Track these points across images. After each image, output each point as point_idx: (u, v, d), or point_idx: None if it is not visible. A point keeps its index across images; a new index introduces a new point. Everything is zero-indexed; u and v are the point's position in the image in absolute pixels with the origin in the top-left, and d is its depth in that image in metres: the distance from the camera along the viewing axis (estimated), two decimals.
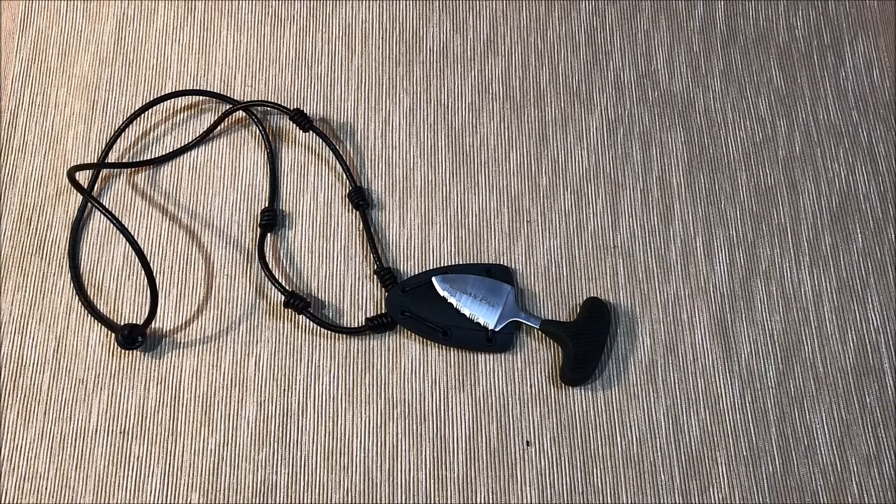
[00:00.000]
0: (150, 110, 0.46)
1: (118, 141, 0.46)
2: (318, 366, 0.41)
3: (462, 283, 0.41)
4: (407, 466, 0.39)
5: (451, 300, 0.41)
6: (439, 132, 0.46)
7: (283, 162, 0.46)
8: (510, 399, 0.40)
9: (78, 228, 0.44)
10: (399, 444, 0.40)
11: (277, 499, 0.39)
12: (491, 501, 0.39)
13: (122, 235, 0.39)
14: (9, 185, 0.45)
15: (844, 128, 0.47)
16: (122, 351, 0.41)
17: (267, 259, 0.43)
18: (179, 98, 0.47)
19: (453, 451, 0.39)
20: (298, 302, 0.41)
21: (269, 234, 0.44)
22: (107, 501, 0.39)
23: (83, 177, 0.45)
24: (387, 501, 0.39)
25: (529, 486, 0.39)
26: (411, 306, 0.41)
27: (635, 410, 0.40)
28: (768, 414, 0.40)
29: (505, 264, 0.43)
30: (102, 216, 0.43)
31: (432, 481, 0.39)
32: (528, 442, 0.40)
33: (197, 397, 0.40)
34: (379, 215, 0.44)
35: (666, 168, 0.45)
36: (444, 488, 0.39)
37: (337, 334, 0.42)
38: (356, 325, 0.42)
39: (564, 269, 0.43)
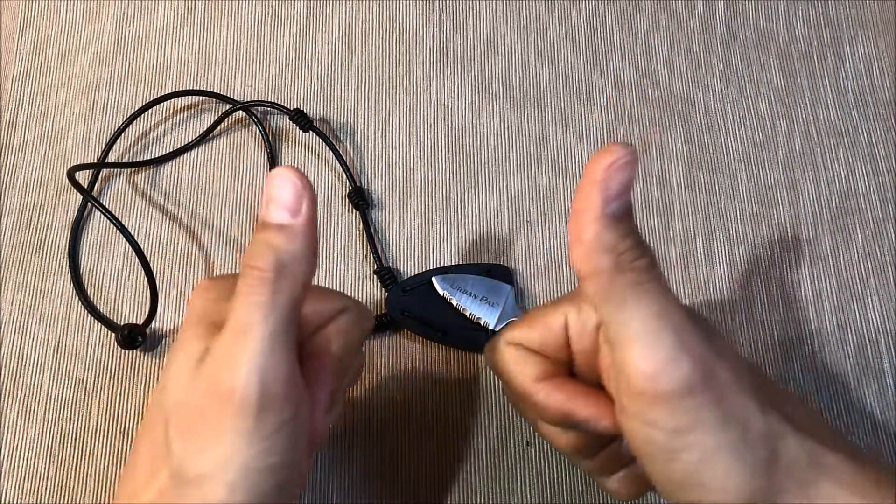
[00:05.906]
0: (150, 110, 0.46)
1: (118, 141, 0.46)
2: None
3: (462, 283, 0.41)
4: (407, 466, 0.39)
5: (451, 300, 0.41)
6: (439, 132, 0.46)
7: (283, 162, 0.45)
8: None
9: (78, 228, 0.44)
10: (399, 444, 0.40)
11: None
12: (491, 501, 0.39)
13: (122, 235, 0.39)
14: (9, 185, 0.45)
15: (844, 128, 0.47)
16: (122, 351, 0.41)
17: None
18: (179, 98, 0.47)
19: (453, 451, 0.39)
20: None
21: None
22: (107, 501, 0.39)
23: (83, 177, 0.45)
24: (387, 501, 0.39)
25: (529, 486, 0.39)
26: (411, 306, 0.41)
27: None
28: None
29: (505, 264, 0.43)
30: (102, 216, 0.43)
31: (432, 481, 0.39)
32: (528, 442, 0.40)
33: None
34: (379, 215, 0.44)
35: (666, 168, 0.45)
36: (444, 488, 0.39)
37: None
38: None
39: (564, 269, 0.43)
